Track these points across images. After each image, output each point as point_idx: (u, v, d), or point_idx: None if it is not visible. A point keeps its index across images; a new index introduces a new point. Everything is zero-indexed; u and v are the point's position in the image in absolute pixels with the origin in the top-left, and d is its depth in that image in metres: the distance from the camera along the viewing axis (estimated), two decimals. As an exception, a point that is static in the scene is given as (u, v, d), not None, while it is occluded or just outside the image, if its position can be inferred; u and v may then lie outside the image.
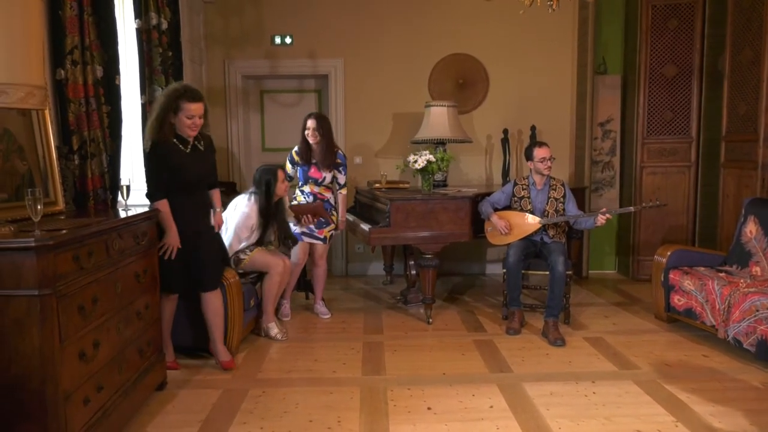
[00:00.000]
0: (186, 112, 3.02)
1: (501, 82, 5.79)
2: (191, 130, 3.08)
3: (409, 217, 4.17)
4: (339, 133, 5.68)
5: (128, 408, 2.64)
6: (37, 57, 2.02)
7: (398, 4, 5.69)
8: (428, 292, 4.29)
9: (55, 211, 2.76)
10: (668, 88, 5.40)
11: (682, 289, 4.02)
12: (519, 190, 4.28)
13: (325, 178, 4.38)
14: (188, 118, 3.03)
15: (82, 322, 2.21)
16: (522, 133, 5.77)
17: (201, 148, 3.21)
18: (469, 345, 3.87)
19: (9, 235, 1.99)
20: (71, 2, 2.98)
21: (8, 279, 1.96)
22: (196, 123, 3.06)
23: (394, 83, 5.76)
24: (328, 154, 4.33)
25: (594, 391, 3.13)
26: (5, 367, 2.00)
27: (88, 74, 3.12)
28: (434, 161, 4.43)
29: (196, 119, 3.05)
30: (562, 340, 3.84)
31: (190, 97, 3.02)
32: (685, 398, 3.01)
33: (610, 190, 5.86)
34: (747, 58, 4.48)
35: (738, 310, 3.50)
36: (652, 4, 5.31)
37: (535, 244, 4.22)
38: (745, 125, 4.52)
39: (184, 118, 3.03)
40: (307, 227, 4.30)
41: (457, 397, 3.06)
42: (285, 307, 4.45)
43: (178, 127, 3.07)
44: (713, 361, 3.54)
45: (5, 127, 2.52)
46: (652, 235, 5.52)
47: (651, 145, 5.49)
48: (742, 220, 4.11)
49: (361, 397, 3.06)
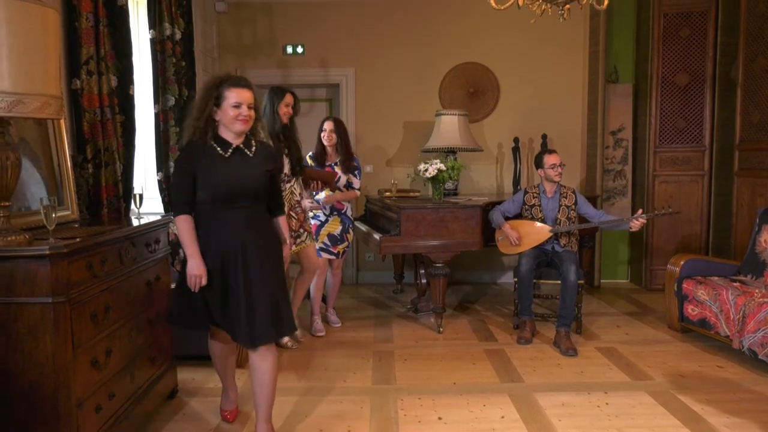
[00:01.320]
0: (231, 101, 2.44)
1: (512, 91, 5.79)
2: (241, 123, 2.46)
3: (419, 226, 4.16)
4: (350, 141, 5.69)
5: (140, 415, 2.65)
6: (53, 67, 2.05)
7: (409, 13, 5.72)
8: (439, 301, 4.28)
9: (69, 219, 2.79)
10: (681, 97, 5.37)
11: (695, 298, 3.98)
12: (530, 199, 4.27)
13: (340, 177, 4.34)
14: (235, 107, 2.44)
15: (94, 329, 2.23)
16: (533, 141, 5.75)
17: (249, 154, 2.52)
18: (480, 354, 3.85)
19: (24, 243, 2.01)
20: (87, 14, 3.03)
21: (22, 286, 1.98)
22: (245, 114, 2.46)
23: (404, 92, 5.77)
24: (347, 155, 4.37)
25: (607, 402, 3.10)
26: (19, 373, 2.02)
27: (103, 84, 3.16)
28: (445, 170, 4.43)
29: (245, 109, 2.45)
30: (574, 350, 3.82)
31: (234, 82, 2.47)
32: (699, 409, 2.97)
33: (622, 199, 5.83)
34: (760, 66, 4.45)
35: (753, 320, 3.45)
36: (663, 13, 5.30)
37: (546, 253, 4.20)
38: (759, 134, 4.49)
39: (230, 109, 2.44)
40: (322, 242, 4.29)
41: (468, 407, 3.05)
42: (318, 323, 4.34)
43: (224, 122, 2.47)
44: (728, 372, 3.50)
45: (21, 136, 2.55)
46: (665, 244, 5.48)
47: (663, 154, 5.46)
48: (757, 230, 4.07)
49: (371, 407, 3.05)
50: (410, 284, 5.68)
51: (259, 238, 2.51)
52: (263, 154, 2.57)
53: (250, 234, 2.48)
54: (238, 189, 2.45)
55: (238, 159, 2.48)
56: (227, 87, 2.45)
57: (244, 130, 2.49)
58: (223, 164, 2.45)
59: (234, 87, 2.45)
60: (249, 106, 2.46)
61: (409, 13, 5.72)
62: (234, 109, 2.43)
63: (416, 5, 5.71)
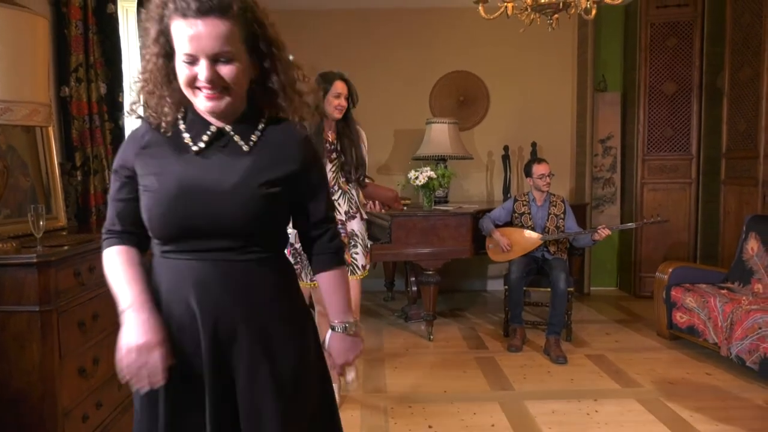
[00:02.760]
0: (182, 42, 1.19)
1: (502, 99, 5.83)
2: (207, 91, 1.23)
3: (410, 234, 4.17)
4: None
5: (127, 425, 2.62)
6: (42, 75, 2.04)
7: (400, 22, 5.75)
8: (429, 309, 4.28)
9: (58, 227, 2.76)
10: (668, 105, 5.42)
11: (684, 306, 4.01)
12: (519, 206, 4.29)
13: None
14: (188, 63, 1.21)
15: (82, 338, 2.21)
16: (523, 149, 5.79)
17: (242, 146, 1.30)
18: (471, 362, 3.85)
19: (11, 251, 2.00)
20: (77, 21, 3.02)
21: (9, 294, 1.97)
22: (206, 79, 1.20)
23: (395, 100, 5.79)
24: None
25: (596, 409, 3.10)
26: (5, 382, 2.00)
27: (92, 91, 3.15)
28: (435, 178, 4.44)
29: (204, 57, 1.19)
30: (564, 357, 3.82)
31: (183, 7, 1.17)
32: (687, 416, 2.99)
33: (611, 207, 5.87)
34: (746, 75, 4.51)
35: (740, 327, 3.48)
36: (650, 23, 5.36)
37: (536, 260, 4.22)
38: (745, 142, 4.54)
39: (182, 66, 1.22)
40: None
41: (459, 415, 3.04)
42: None
43: (183, 83, 1.24)
44: (716, 379, 3.52)
45: (9, 144, 2.54)
46: (653, 252, 5.51)
47: (651, 162, 5.51)
48: (744, 237, 4.11)
49: (362, 415, 3.04)
50: (401, 292, 5.68)
51: (256, 313, 1.31)
52: (275, 145, 1.32)
53: (232, 306, 1.29)
54: (201, 218, 1.24)
55: (217, 156, 1.28)
56: (176, 15, 1.18)
57: (211, 97, 1.22)
58: (182, 166, 1.27)
59: (184, 16, 1.17)
60: (216, 50, 1.18)
61: (400, 22, 5.75)
62: (186, 64, 1.20)
63: (406, 14, 5.74)
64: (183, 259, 1.29)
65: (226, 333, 1.28)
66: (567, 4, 3.32)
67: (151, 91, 1.29)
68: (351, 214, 3.00)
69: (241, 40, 1.23)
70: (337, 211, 2.86)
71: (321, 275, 1.44)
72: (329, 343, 1.46)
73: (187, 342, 1.29)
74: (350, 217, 2.99)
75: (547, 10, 3.39)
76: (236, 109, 1.30)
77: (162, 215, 1.26)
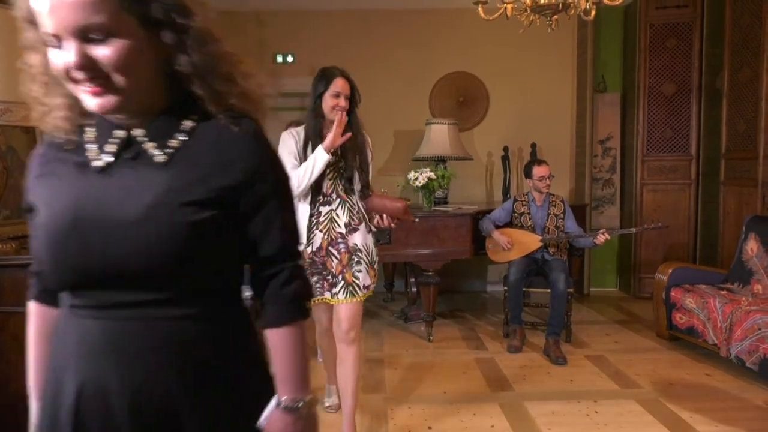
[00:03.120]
0: (41, 15, 0.88)
1: (501, 100, 5.83)
2: (83, 78, 0.88)
3: (409, 234, 4.17)
4: (340, 150, 5.73)
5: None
6: (41, 75, 2.05)
7: (400, 22, 5.75)
8: (429, 309, 4.28)
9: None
10: (667, 106, 5.43)
11: (683, 307, 4.01)
12: (519, 207, 4.29)
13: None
14: (56, 47, 0.89)
15: (81, 339, 2.21)
16: (522, 150, 5.79)
17: (158, 156, 0.95)
18: (471, 363, 3.84)
19: (11, 251, 2.00)
20: (76, 21, 3.02)
21: (9, 295, 1.97)
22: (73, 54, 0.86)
23: (395, 101, 5.79)
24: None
25: (596, 410, 3.10)
26: (4, 384, 1.99)
27: (92, 92, 3.14)
28: (435, 178, 4.44)
29: (68, 35, 0.86)
30: (564, 358, 3.82)
31: None
32: (687, 417, 2.98)
33: (610, 208, 5.87)
34: (745, 76, 4.51)
35: (740, 328, 3.48)
36: (650, 24, 5.36)
37: (536, 261, 4.22)
38: (745, 143, 4.54)
39: (53, 53, 0.90)
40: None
41: (458, 416, 3.04)
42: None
43: (61, 77, 0.92)
44: (716, 380, 3.52)
45: (9, 145, 2.54)
46: (653, 253, 5.51)
47: (651, 163, 5.51)
48: (743, 238, 4.11)
49: (361, 416, 3.04)
50: (400, 293, 5.67)
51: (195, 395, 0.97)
52: (205, 151, 0.97)
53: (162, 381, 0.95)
54: (100, 261, 0.91)
55: (124, 173, 0.96)
56: None
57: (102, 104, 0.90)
58: (79, 190, 0.96)
59: None
60: (85, 29, 0.86)
61: (400, 23, 5.75)
62: (55, 50, 0.90)
63: (406, 15, 5.74)
64: (91, 318, 0.94)
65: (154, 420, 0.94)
66: (566, 5, 3.33)
67: (38, 99, 0.99)
68: (353, 226, 2.59)
69: (122, 8, 0.86)
70: (336, 223, 2.56)
71: (270, 332, 1.04)
72: (268, 422, 1.02)
73: None
74: (351, 230, 2.58)
75: (546, 11, 3.39)
76: (146, 106, 0.95)
77: (53, 259, 0.93)
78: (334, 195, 2.61)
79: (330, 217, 2.58)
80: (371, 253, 2.63)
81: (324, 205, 2.59)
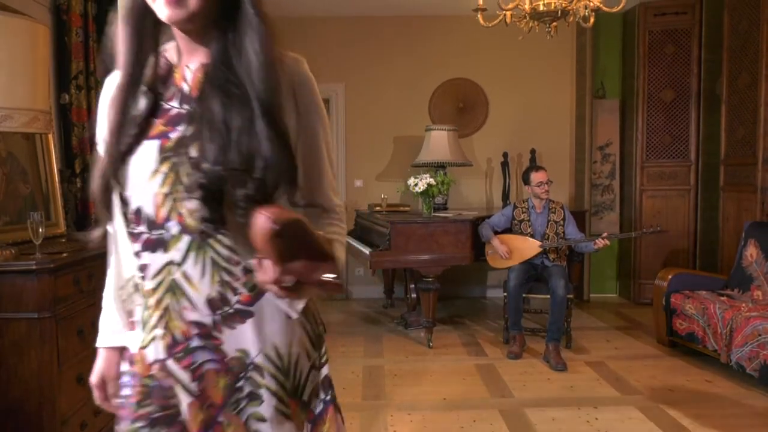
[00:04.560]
0: None
1: (501, 106, 5.85)
2: None
3: (409, 240, 4.17)
4: (340, 155, 5.74)
5: (126, 433, 2.61)
6: (42, 82, 2.05)
7: (399, 29, 5.78)
8: (429, 316, 4.28)
9: (57, 234, 2.77)
10: (666, 113, 5.44)
11: (683, 313, 4.00)
12: (519, 213, 4.29)
13: None
14: None
15: (81, 345, 2.21)
16: (522, 156, 5.80)
17: None
18: (470, 369, 3.84)
19: (10, 257, 2.00)
20: (77, 29, 3.03)
21: (8, 302, 1.96)
22: None
23: (395, 107, 5.81)
24: None
25: (596, 416, 3.09)
26: (3, 389, 1.99)
27: (92, 99, 3.16)
28: (435, 184, 4.45)
29: None
30: (564, 364, 3.82)
31: None
32: (687, 424, 2.98)
33: (610, 214, 5.87)
34: (744, 82, 4.53)
35: (740, 334, 3.48)
36: (649, 30, 5.38)
37: (536, 267, 4.22)
38: (744, 149, 4.55)
39: None
40: None
41: (458, 422, 3.03)
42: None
43: None
44: (716, 386, 3.51)
45: (9, 151, 2.54)
46: (653, 259, 5.51)
47: (650, 169, 5.52)
48: (743, 244, 4.11)
49: (361, 423, 3.03)
50: (400, 299, 5.67)
51: None
52: None
53: None
54: None
55: None
56: None
57: None
58: None
59: None
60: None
61: (399, 29, 5.77)
62: None
63: (406, 21, 5.76)
64: None
65: None
66: (565, 12, 3.34)
67: None
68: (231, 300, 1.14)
69: None
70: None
71: None
72: None
73: None
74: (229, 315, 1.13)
75: (545, 18, 3.41)
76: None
77: None
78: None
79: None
80: (298, 361, 1.11)
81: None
